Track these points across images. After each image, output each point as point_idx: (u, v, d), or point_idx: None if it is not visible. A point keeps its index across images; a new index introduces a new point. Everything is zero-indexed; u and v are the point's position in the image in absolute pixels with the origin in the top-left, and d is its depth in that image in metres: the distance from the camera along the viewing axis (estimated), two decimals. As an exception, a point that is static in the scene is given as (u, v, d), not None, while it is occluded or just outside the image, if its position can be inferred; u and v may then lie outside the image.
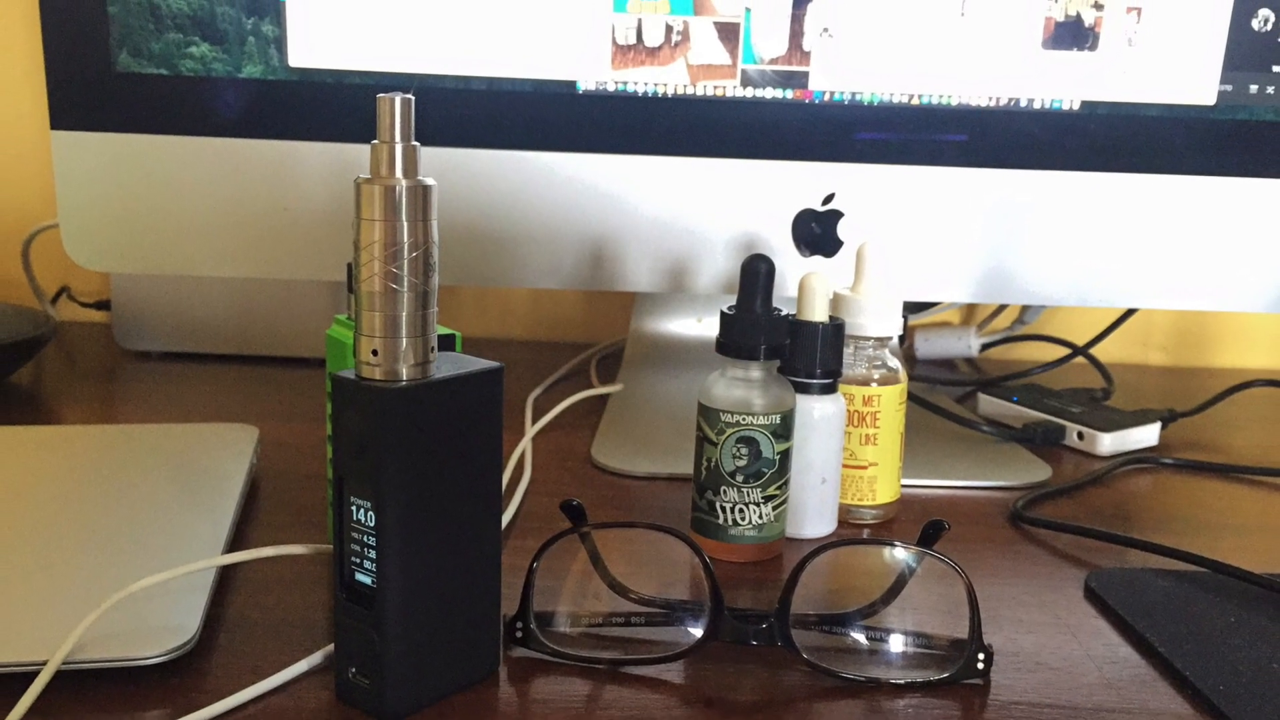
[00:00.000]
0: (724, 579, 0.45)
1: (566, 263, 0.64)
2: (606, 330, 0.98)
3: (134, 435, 0.58)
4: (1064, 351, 0.88)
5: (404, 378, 0.35)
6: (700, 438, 0.50)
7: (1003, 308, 0.95)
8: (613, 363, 0.86)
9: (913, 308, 0.92)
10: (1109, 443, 0.68)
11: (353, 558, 0.36)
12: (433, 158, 0.62)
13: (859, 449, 0.55)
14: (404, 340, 0.35)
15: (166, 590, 0.41)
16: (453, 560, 0.37)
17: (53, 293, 0.93)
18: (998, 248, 0.64)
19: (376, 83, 0.61)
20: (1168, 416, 0.73)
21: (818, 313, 0.52)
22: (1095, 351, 0.87)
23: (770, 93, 0.62)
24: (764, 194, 0.64)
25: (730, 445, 0.49)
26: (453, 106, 0.62)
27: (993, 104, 0.62)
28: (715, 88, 0.62)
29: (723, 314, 0.50)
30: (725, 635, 0.41)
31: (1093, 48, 0.62)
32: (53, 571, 0.42)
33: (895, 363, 0.56)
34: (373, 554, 0.36)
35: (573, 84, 0.62)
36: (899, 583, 0.43)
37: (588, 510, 0.42)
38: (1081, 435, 0.69)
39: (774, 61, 0.61)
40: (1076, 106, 0.62)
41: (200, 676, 0.39)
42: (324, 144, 0.62)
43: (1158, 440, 0.71)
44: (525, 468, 0.60)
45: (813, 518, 0.53)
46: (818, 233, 0.64)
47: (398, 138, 0.34)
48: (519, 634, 0.41)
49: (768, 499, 0.50)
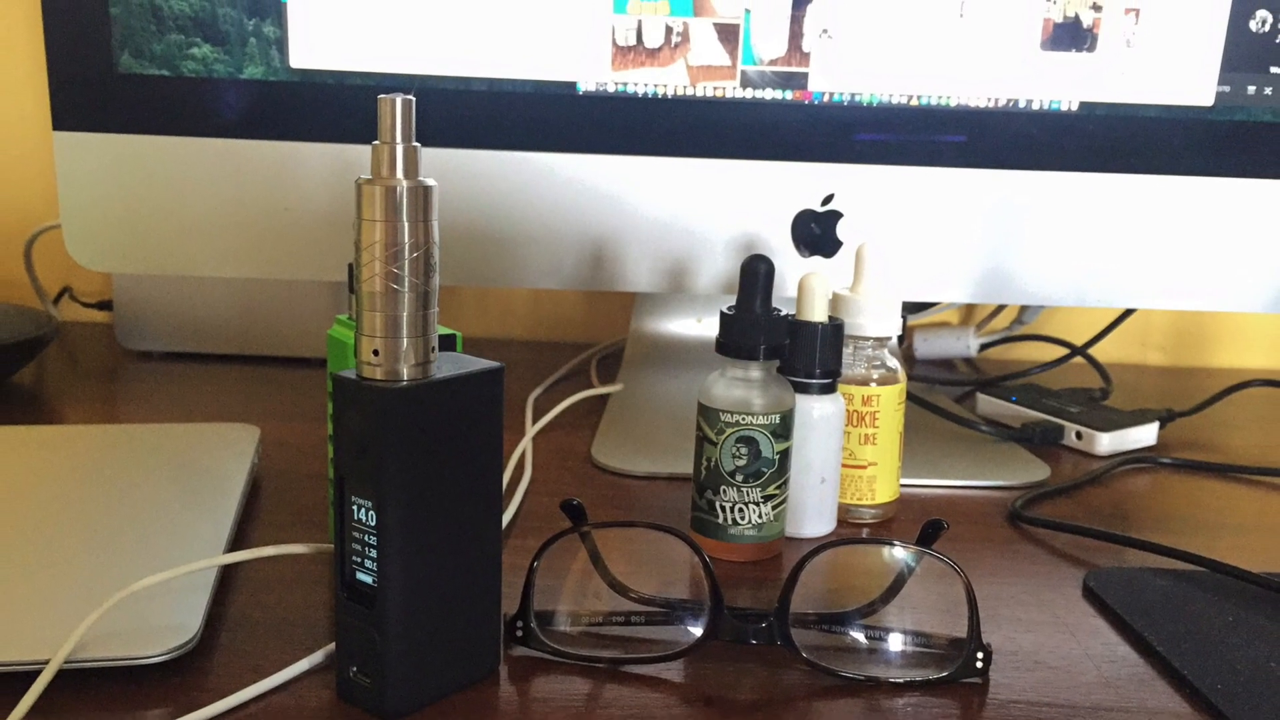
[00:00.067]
0: (724, 578, 0.45)
1: (567, 263, 0.64)
2: (606, 330, 0.98)
3: (136, 435, 0.58)
4: (1062, 351, 0.88)
5: (405, 378, 0.35)
6: (700, 437, 0.51)
7: (1001, 308, 0.95)
8: (613, 363, 0.86)
9: (912, 308, 0.92)
10: (1107, 442, 0.68)
11: (354, 557, 0.36)
12: (433, 158, 0.63)
13: (858, 449, 0.55)
14: (405, 340, 0.35)
15: (168, 589, 0.41)
16: (453, 559, 0.38)
17: (55, 293, 0.93)
18: (996, 248, 0.65)
19: (377, 84, 0.61)
20: (1166, 416, 0.73)
21: (817, 313, 0.52)
22: (1094, 351, 0.88)
23: (770, 94, 0.62)
24: (763, 194, 0.64)
25: (730, 445, 0.49)
26: (453, 107, 0.62)
27: (991, 105, 0.63)
28: (715, 89, 0.62)
29: (722, 314, 0.50)
30: (725, 634, 0.41)
31: (1091, 49, 0.62)
32: (55, 571, 0.43)
33: (894, 363, 0.56)
34: (374, 553, 0.36)
35: (573, 85, 0.62)
36: (898, 582, 0.43)
37: (588, 510, 0.43)
38: (1080, 435, 0.69)
39: (773, 62, 0.62)
40: (1075, 107, 0.63)
41: (202, 675, 0.39)
42: (325, 145, 0.62)
43: (1156, 440, 0.71)
44: (525, 467, 0.61)
45: (812, 517, 0.53)
46: (817, 233, 0.65)
47: (399, 138, 0.34)
48: (519, 633, 0.41)
49: (767, 498, 0.50)
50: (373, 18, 0.60)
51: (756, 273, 0.49)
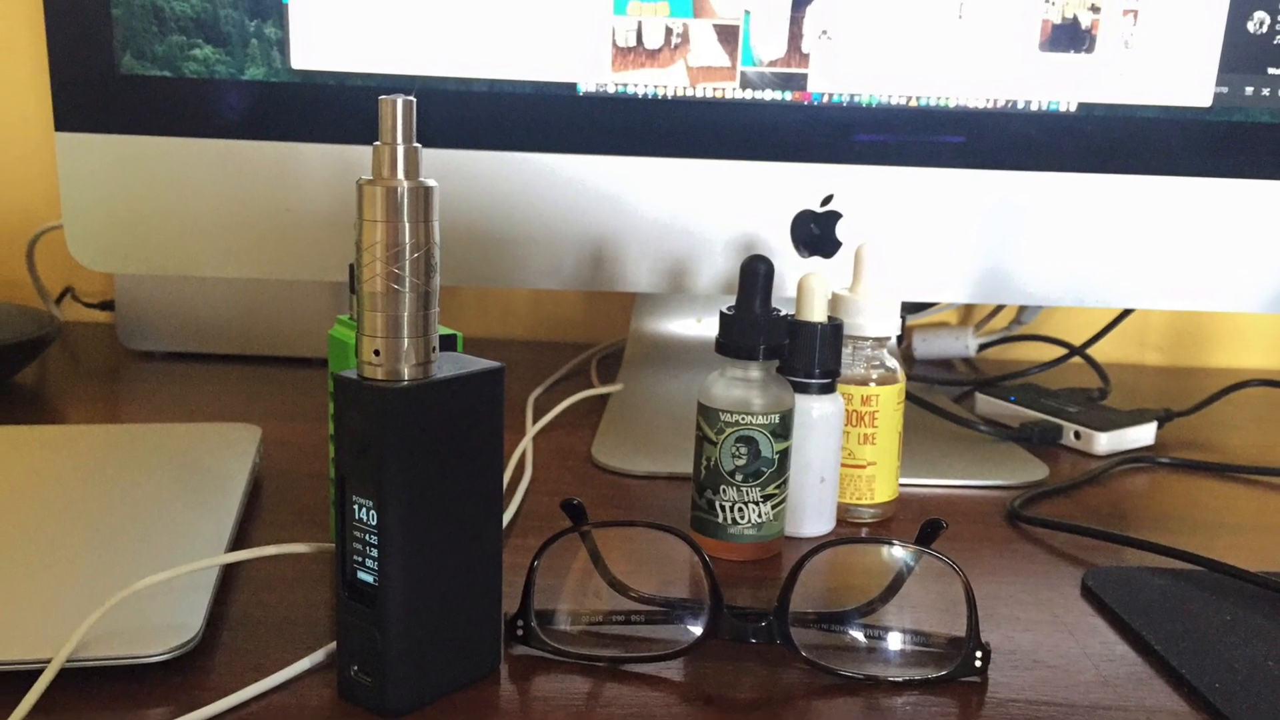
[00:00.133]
0: (723, 577, 0.45)
1: (567, 263, 0.65)
2: (607, 330, 0.98)
3: (137, 435, 0.58)
4: (1061, 351, 0.88)
5: (406, 378, 0.35)
6: (700, 437, 0.51)
7: (1000, 308, 0.95)
8: (613, 363, 0.86)
9: (911, 308, 0.92)
10: (1105, 442, 0.68)
11: (355, 556, 0.37)
12: (434, 159, 0.63)
13: (857, 448, 0.55)
14: (406, 340, 0.35)
15: (169, 588, 0.41)
16: (454, 559, 0.38)
17: (57, 293, 0.94)
18: (995, 248, 0.65)
19: (378, 84, 0.61)
20: (1164, 416, 0.73)
21: (816, 313, 0.52)
22: (1092, 351, 0.88)
23: (769, 94, 0.62)
24: (763, 195, 0.64)
25: (729, 445, 0.50)
26: (454, 108, 0.62)
27: (990, 106, 0.63)
28: (715, 89, 0.62)
29: (722, 314, 0.50)
30: (725, 633, 0.41)
31: (1089, 50, 0.62)
32: (57, 570, 0.43)
33: (893, 363, 0.56)
34: (374, 553, 0.36)
35: (573, 86, 0.62)
36: (897, 581, 0.43)
37: (588, 509, 0.43)
38: (1078, 435, 0.69)
39: (773, 63, 0.62)
40: (1073, 108, 0.63)
41: (203, 674, 0.39)
42: (326, 145, 0.62)
43: (1154, 440, 0.71)
44: (526, 467, 0.61)
45: (811, 516, 0.54)
46: (816, 233, 0.65)
47: (399, 139, 0.34)
48: (520, 632, 0.41)
49: (767, 498, 0.50)
50: (374, 19, 0.61)
51: (756, 273, 0.49)
